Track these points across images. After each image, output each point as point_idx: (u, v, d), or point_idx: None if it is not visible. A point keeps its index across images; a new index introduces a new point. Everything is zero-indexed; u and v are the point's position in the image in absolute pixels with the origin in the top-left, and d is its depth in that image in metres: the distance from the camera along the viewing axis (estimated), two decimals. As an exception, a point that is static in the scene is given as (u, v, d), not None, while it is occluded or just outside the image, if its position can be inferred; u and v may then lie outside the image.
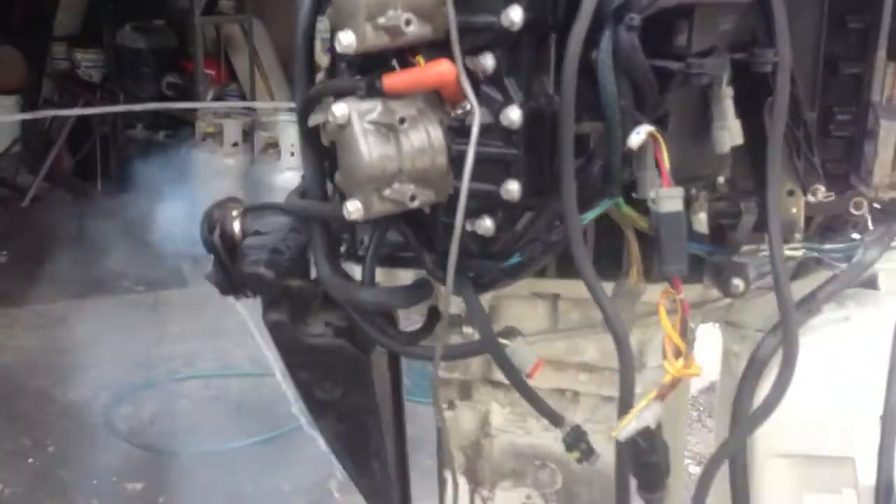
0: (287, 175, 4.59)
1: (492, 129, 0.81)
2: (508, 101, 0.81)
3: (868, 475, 0.91)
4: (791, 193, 0.95)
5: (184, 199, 5.04)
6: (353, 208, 0.81)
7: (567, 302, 1.07)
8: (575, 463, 1.00)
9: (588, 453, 0.96)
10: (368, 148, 0.79)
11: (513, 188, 0.82)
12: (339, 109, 0.80)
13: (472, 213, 0.83)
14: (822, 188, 0.93)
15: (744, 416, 0.95)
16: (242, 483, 3.16)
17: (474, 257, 0.87)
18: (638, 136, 0.78)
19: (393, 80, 0.81)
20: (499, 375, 1.06)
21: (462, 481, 1.19)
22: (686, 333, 0.84)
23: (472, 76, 0.81)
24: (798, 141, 0.90)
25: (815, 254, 0.96)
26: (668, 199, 0.81)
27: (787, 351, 0.87)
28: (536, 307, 1.07)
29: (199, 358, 4.01)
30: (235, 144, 4.87)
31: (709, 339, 1.17)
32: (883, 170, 0.94)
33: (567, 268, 0.91)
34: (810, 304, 0.96)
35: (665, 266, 0.82)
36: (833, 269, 0.98)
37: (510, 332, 0.92)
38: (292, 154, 4.57)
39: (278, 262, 0.97)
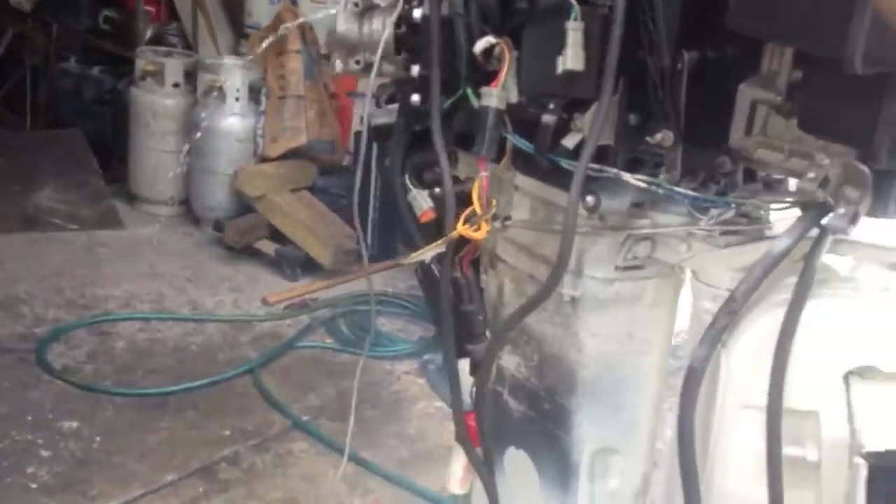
0: (231, 120, 4.51)
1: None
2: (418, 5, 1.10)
3: (831, 428, 0.99)
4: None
5: (120, 137, 4.94)
6: (336, 65, 1.24)
7: (537, 201, 1.22)
8: (548, 347, 1.26)
9: None
10: (342, 22, 1.21)
11: (415, 70, 1.12)
12: None
13: (416, 90, 1.14)
14: (667, 133, 0.98)
15: (687, 426, 1.02)
16: (181, 427, 3.16)
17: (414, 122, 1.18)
18: (480, 43, 1.03)
19: None
20: (503, 253, 1.28)
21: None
22: (487, 204, 1.07)
23: None
24: (654, 83, 0.97)
25: (660, 190, 1.03)
26: (486, 95, 1.03)
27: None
28: (523, 200, 1.23)
29: (135, 300, 3.96)
30: (176, 85, 4.75)
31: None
32: (737, 133, 0.97)
33: (538, 172, 1.14)
34: (731, 305, 1.00)
35: (473, 147, 1.04)
36: (695, 217, 1.08)
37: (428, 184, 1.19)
38: (237, 99, 4.49)
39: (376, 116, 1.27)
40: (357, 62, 1.19)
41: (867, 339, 1.00)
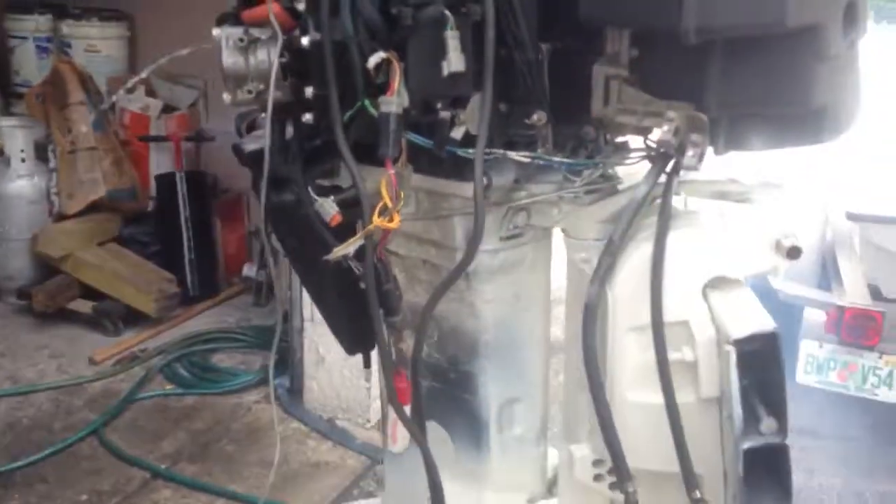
0: (20, 183, 4.30)
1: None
2: (304, 31, 1.17)
3: (700, 331, 1.22)
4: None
5: None
6: (225, 97, 1.26)
7: (422, 193, 1.37)
8: (446, 322, 1.41)
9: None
10: (227, 56, 1.23)
11: (309, 91, 1.19)
12: (215, 31, 1.23)
13: (304, 109, 1.22)
14: (541, 113, 1.18)
15: (591, 354, 1.21)
16: (34, 500, 3.01)
17: (307, 139, 1.28)
18: (373, 59, 1.12)
19: (246, 13, 1.23)
20: (393, 245, 1.39)
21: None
22: (395, 198, 1.16)
23: (294, 13, 1.19)
24: (523, 74, 1.16)
25: (541, 161, 1.21)
26: (384, 103, 1.13)
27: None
28: (408, 195, 1.32)
29: (-51, 384, 3.69)
30: (-51, 153, 4.45)
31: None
32: (597, 105, 1.17)
33: (421, 166, 1.27)
34: (611, 247, 1.21)
35: (378, 150, 1.14)
36: (569, 181, 1.28)
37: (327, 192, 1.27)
38: (23, 160, 4.29)
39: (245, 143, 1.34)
40: (249, 91, 1.25)
41: (714, 256, 1.25)
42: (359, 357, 1.55)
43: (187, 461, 3.26)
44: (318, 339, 3.55)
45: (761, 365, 1.16)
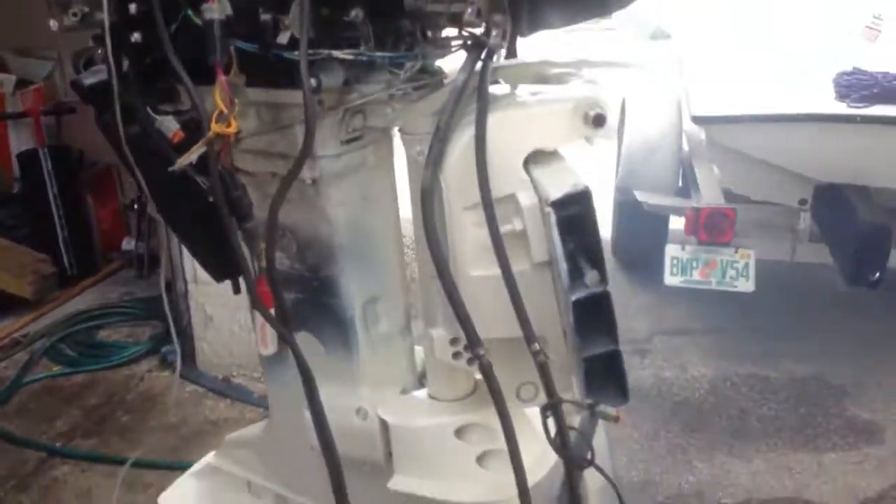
0: None
1: None
2: None
3: (526, 201, 1.33)
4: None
5: None
6: (52, 24, 1.29)
7: (262, 107, 1.41)
8: (301, 231, 1.47)
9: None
10: None
11: (133, 8, 1.25)
12: None
13: (131, 28, 1.27)
14: (358, 11, 1.22)
15: (432, 234, 1.30)
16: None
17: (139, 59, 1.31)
18: None
19: None
20: (241, 164, 1.45)
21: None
22: (230, 103, 1.23)
23: None
24: None
25: (364, 58, 1.28)
26: (208, 11, 1.20)
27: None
28: (248, 110, 1.40)
29: None
30: None
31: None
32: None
33: (257, 79, 1.34)
34: (439, 134, 1.30)
35: (207, 58, 1.20)
36: (394, 75, 1.35)
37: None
38: None
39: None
40: (75, 14, 1.27)
41: (531, 132, 1.36)
42: (247, 314, 1.60)
43: (83, 437, 3.25)
44: (204, 299, 3.57)
45: (579, 222, 1.27)
